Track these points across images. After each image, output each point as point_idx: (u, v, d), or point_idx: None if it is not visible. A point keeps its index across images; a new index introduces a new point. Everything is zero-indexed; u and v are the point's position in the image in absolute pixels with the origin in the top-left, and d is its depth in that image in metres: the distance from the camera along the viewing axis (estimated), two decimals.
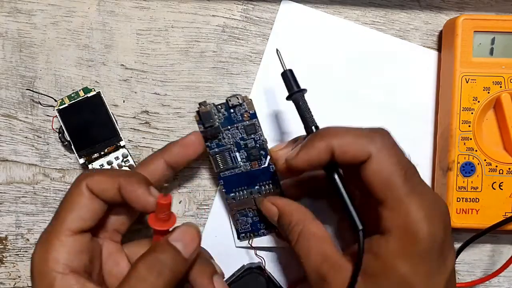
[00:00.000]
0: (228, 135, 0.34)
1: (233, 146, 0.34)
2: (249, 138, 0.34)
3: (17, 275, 0.39)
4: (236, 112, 0.34)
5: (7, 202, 0.39)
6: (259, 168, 0.35)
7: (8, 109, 0.38)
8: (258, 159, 0.35)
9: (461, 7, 0.39)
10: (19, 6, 0.38)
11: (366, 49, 0.39)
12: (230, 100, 0.34)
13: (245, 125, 0.34)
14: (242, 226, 0.36)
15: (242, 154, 0.35)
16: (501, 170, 0.36)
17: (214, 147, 0.34)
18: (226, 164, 0.35)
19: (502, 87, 0.36)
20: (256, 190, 0.35)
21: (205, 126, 0.33)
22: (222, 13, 0.38)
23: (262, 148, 0.34)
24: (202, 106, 0.33)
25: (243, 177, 0.35)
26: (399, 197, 0.27)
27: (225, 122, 0.34)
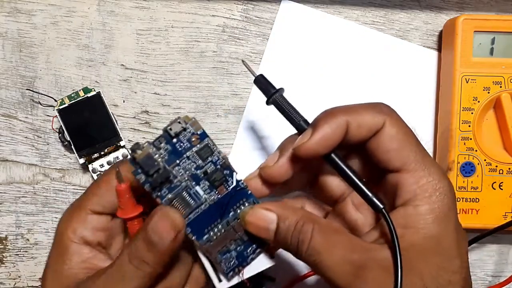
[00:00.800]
0: (180, 170, 0.27)
1: (190, 181, 0.28)
2: (206, 163, 0.28)
3: (17, 275, 0.39)
4: (181, 141, 0.28)
5: (7, 202, 0.39)
6: (228, 191, 0.29)
7: (8, 109, 0.38)
8: (224, 182, 0.29)
9: (461, 7, 0.39)
10: (19, 6, 0.38)
11: (366, 49, 0.39)
12: (171, 129, 0.27)
13: (196, 150, 0.28)
14: (227, 265, 0.29)
15: (204, 185, 0.28)
16: (501, 170, 0.36)
17: (166, 194, 0.27)
18: (188, 206, 0.28)
19: (502, 87, 0.36)
20: (232, 217, 0.29)
21: (150, 174, 0.26)
22: (222, 13, 0.38)
23: (225, 167, 0.28)
24: (136, 150, 0.26)
25: (212, 211, 0.29)
26: (418, 159, 0.26)
27: (171, 157, 0.27)
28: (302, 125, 0.30)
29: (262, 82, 0.31)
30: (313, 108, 0.39)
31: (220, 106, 0.39)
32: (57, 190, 0.39)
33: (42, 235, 0.39)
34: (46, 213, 0.39)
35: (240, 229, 0.29)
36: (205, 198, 0.28)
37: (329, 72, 0.39)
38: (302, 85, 0.39)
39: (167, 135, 0.27)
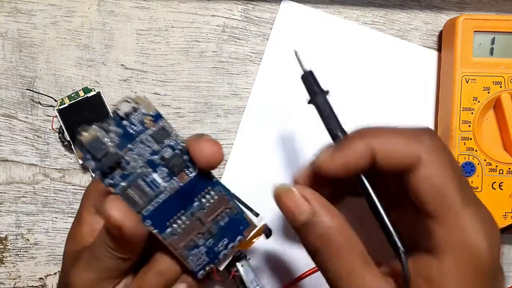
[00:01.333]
0: (133, 156, 0.25)
1: (145, 168, 0.25)
2: (163, 147, 0.25)
3: (17, 275, 0.39)
4: (132, 122, 0.25)
5: (7, 202, 0.39)
6: (190, 179, 0.26)
7: (8, 109, 0.38)
8: (184, 168, 0.26)
9: (461, 7, 0.39)
10: (19, 6, 0.38)
11: (366, 49, 0.39)
12: (119, 109, 0.25)
13: (151, 133, 0.25)
14: (196, 262, 0.27)
15: (162, 172, 0.26)
16: (501, 170, 0.36)
17: (119, 182, 0.25)
18: (146, 195, 0.25)
19: (502, 87, 0.36)
20: (197, 207, 0.26)
21: (97, 158, 0.24)
22: (222, 13, 0.38)
23: (185, 152, 0.26)
24: (83, 133, 0.24)
25: (174, 201, 0.26)
26: (455, 209, 0.23)
27: (123, 141, 0.25)
28: (337, 134, 0.27)
29: (309, 80, 0.28)
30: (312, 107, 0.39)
31: (220, 106, 0.39)
32: (57, 190, 0.39)
33: (42, 235, 0.39)
34: (46, 213, 0.39)
35: (207, 221, 0.27)
36: (165, 186, 0.26)
37: (329, 72, 0.39)
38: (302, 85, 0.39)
39: (116, 116, 0.25)
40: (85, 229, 0.30)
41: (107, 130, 0.25)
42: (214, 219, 0.27)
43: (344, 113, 0.39)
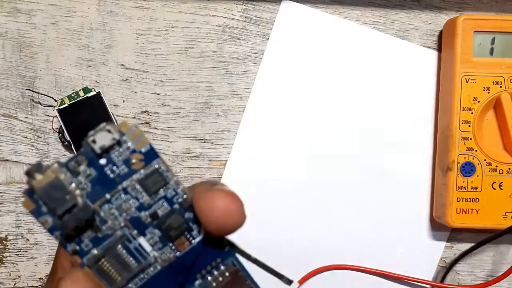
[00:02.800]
0: (112, 211, 0.18)
1: (128, 229, 0.18)
2: (156, 200, 0.18)
3: (17, 275, 0.39)
4: (113, 161, 0.17)
5: (7, 202, 0.39)
6: (192, 246, 0.18)
7: (8, 109, 0.38)
8: (185, 231, 0.18)
9: (461, 7, 0.39)
10: (19, 6, 0.38)
11: (366, 49, 0.39)
12: (95, 141, 0.17)
13: (140, 178, 0.18)
14: None
15: (152, 236, 0.18)
16: (501, 170, 0.36)
17: (89, 249, 0.18)
18: (127, 269, 0.18)
19: (502, 87, 0.36)
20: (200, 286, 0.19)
21: (57, 213, 0.17)
22: (222, 13, 0.38)
23: (187, 208, 0.18)
24: (35, 174, 0.16)
25: (167, 277, 0.18)
26: None
27: (97, 189, 0.17)
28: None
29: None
30: (313, 107, 0.39)
31: (220, 106, 0.39)
32: None
33: (42, 235, 0.39)
34: None
35: None
36: (155, 256, 0.18)
37: (329, 72, 0.39)
38: (302, 85, 0.39)
39: (89, 151, 0.17)
40: None
41: (74, 171, 0.17)
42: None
43: (344, 113, 0.39)
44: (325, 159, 0.38)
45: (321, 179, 0.39)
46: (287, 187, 0.38)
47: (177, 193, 0.18)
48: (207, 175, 0.39)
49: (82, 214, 0.17)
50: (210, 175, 0.39)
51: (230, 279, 0.19)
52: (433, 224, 0.39)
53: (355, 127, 0.39)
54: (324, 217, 0.39)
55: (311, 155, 0.39)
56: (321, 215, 0.39)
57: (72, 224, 0.17)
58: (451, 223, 0.36)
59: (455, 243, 0.39)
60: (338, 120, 0.39)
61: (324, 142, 0.39)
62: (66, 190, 0.17)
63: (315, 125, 0.39)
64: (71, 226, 0.17)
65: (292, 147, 0.39)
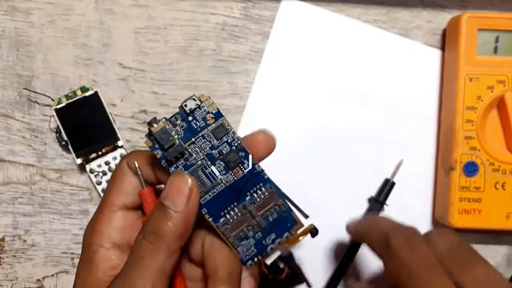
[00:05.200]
0: (195, 149, 0.28)
1: (205, 161, 0.28)
2: (221, 143, 0.28)
3: (15, 277, 0.39)
4: (196, 118, 0.28)
5: (4, 203, 0.38)
6: (244, 174, 0.28)
7: (5, 109, 0.38)
8: (239, 164, 0.28)
9: (463, 5, 0.38)
10: (16, 5, 0.38)
11: (368, 48, 0.38)
12: (186, 105, 0.27)
13: (211, 129, 0.28)
14: (246, 252, 0.29)
15: (219, 166, 0.28)
16: (504, 170, 0.35)
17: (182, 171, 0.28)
18: (204, 185, 0.28)
19: (505, 86, 0.35)
20: (249, 201, 0.28)
21: (165, 148, 0.27)
22: (221, 11, 0.38)
23: (240, 149, 0.28)
24: (153, 124, 0.27)
25: (228, 193, 0.28)
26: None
27: (187, 135, 0.27)
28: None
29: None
30: (314, 107, 0.38)
31: (219, 106, 0.38)
32: (54, 190, 0.38)
33: (40, 236, 0.38)
34: (44, 214, 0.38)
35: (257, 214, 0.29)
36: (221, 179, 0.28)
37: (331, 70, 0.38)
38: (303, 83, 0.38)
39: (182, 112, 0.27)
40: (103, 270, 0.27)
41: (174, 124, 0.27)
42: (263, 214, 0.29)
43: (346, 111, 0.38)
44: (325, 159, 0.38)
45: (321, 179, 0.38)
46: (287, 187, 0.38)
47: (234, 139, 0.28)
48: None
49: (178, 148, 0.27)
50: None
51: (268, 196, 0.28)
52: (435, 224, 0.38)
53: (356, 126, 0.38)
54: (324, 217, 0.38)
55: (312, 155, 0.38)
56: (322, 215, 0.38)
57: (173, 154, 0.27)
58: (453, 223, 0.35)
59: None
60: (339, 119, 0.38)
61: (325, 141, 0.38)
62: (169, 135, 0.27)
63: (316, 124, 0.38)
64: (172, 155, 0.27)
65: (292, 146, 0.38)
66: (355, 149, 0.38)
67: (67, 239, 0.38)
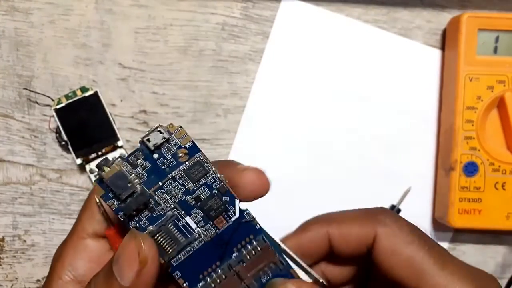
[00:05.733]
0: (164, 195, 0.22)
1: (177, 210, 0.22)
2: (198, 186, 0.22)
3: (15, 277, 0.39)
4: (164, 156, 0.22)
5: (4, 203, 0.38)
6: (229, 225, 0.22)
7: (4, 109, 0.38)
8: (222, 212, 0.22)
9: (463, 5, 0.38)
10: (16, 5, 0.38)
11: (368, 48, 0.38)
12: (150, 140, 0.21)
13: (185, 169, 0.22)
14: None
15: (196, 215, 0.22)
16: (504, 170, 0.35)
17: (146, 226, 0.22)
18: (177, 243, 0.22)
19: (505, 86, 0.35)
20: (236, 260, 0.23)
21: (121, 198, 0.21)
22: (221, 11, 0.38)
23: (224, 192, 0.22)
24: (104, 167, 0.21)
25: (209, 250, 0.23)
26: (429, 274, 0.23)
27: (151, 178, 0.22)
28: None
29: None
30: (314, 106, 0.38)
31: (219, 106, 0.38)
32: (54, 191, 0.38)
33: (39, 236, 0.38)
34: (43, 214, 0.38)
35: (247, 276, 0.23)
36: (199, 232, 0.22)
37: (331, 70, 0.38)
38: (303, 83, 0.38)
39: (145, 148, 0.21)
40: None
41: (134, 165, 0.21)
42: (255, 274, 0.23)
43: (346, 112, 0.38)
44: (326, 158, 0.38)
45: (322, 179, 0.38)
46: (287, 188, 0.38)
47: (215, 180, 0.22)
48: None
49: (141, 198, 0.21)
50: None
51: (261, 253, 0.23)
52: (435, 224, 0.38)
53: (356, 126, 0.38)
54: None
55: (312, 155, 0.38)
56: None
57: (133, 206, 0.21)
58: (453, 223, 0.35)
59: (457, 244, 0.39)
60: (340, 120, 0.38)
61: (325, 141, 0.38)
62: (127, 180, 0.21)
63: (316, 124, 0.38)
64: (132, 207, 0.21)
65: (292, 146, 0.38)
66: (355, 149, 0.38)
67: None
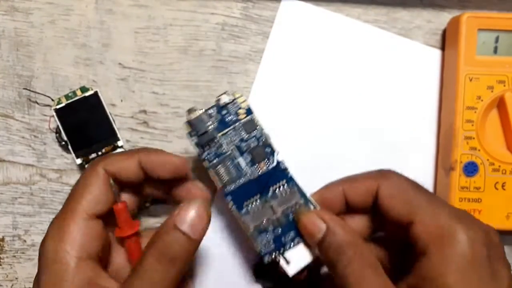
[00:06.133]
0: (226, 140, 0.30)
1: (234, 151, 0.30)
2: (249, 137, 0.30)
3: (15, 277, 0.39)
4: (229, 112, 0.30)
5: (3, 203, 0.38)
6: (268, 170, 0.30)
7: (4, 109, 0.38)
8: (264, 159, 0.30)
9: (463, 5, 0.38)
10: (16, 5, 0.38)
11: (368, 47, 0.38)
12: (220, 99, 0.30)
13: (242, 123, 0.30)
14: (264, 246, 0.30)
15: (246, 158, 0.30)
16: (504, 170, 0.35)
17: (212, 158, 0.30)
18: (230, 174, 0.30)
19: (505, 86, 0.35)
20: (271, 196, 0.30)
21: (199, 134, 0.30)
22: (221, 11, 0.38)
23: (267, 145, 0.30)
24: (191, 112, 0.30)
25: (252, 186, 0.30)
26: (422, 206, 0.27)
27: (220, 126, 0.30)
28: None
29: None
30: (314, 107, 0.38)
31: None
32: (54, 191, 0.38)
33: (40, 236, 0.38)
34: (43, 214, 0.38)
35: (278, 210, 0.30)
36: (246, 171, 0.30)
37: (331, 71, 0.38)
38: (303, 83, 0.38)
39: (217, 105, 0.31)
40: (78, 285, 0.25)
41: (209, 115, 0.30)
42: (284, 210, 0.30)
43: (345, 112, 0.38)
44: (326, 158, 0.38)
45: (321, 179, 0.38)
46: None
47: (262, 135, 0.31)
48: (206, 175, 0.38)
49: (210, 136, 0.30)
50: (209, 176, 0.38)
51: (290, 195, 0.30)
52: None
53: (356, 126, 0.38)
54: None
55: (312, 155, 0.38)
56: None
57: (204, 141, 0.30)
58: None
59: None
60: (339, 120, 0.38)
61: (325, 141, 0.38)
62: (204, 123, 0.30)
63: (316, 124, 0.38)
64: (204, 141, 0.30)
65: (292, 146, 0.38)
66: (355, 149, 0.38)
67: None
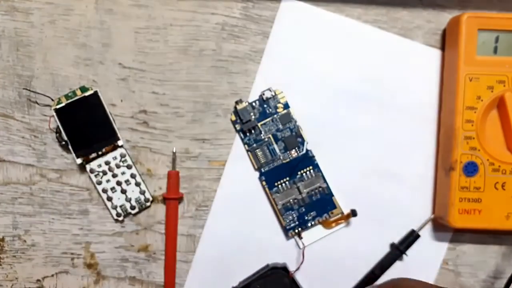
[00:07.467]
0: (265, 128, 0.37)
1: (270, 139, 0.37)
2: (284, 128, 0.37)
3: (15, 277, 0.39)
4: (269, 105, 0.37)
5: (4, 203, 0.38)
6: (298, 156, 0.37)
7: (4, 109, 0.38)
8: (295, 147, 0.37)
9: (463, 5, 0.38)
10: (16, 5, 0.38)
11: (368, 48, 0.38)
12: (264, 94, 0.37)
13: (279, 116, 0.37)
14: (289, 222, 0.36)
15: (280, 145, 0.37)
16: (504, 170, 0.35)
17: (252, 143, 0.37)
18: (266, 158, 0.37)
19: (505, 86, 0.35)
20: (298, 179, 0.37)
21: (243, 122, 0.36)
22: (221, 11, 0.38)
23: (299, 135, 0.37)
24: (239, 103, 0.37)
25: (283, 169, 0.37)
26: None
27: (260, 117, 0.37)
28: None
29: None
30: (314, 107, 0.38)
31: (219, 106, 0.38)
32: (54, 191, 0.38)
33: (39, 236, 0.38)
34: (43, 214, 0.38)
35: (304, 191, 0.36)
36: (280, 156, 0.37)
37: (331, 71, 0.38)
38: (303, 83, 0.38)
39: (260, 99, 0.37)
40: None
41: (253, 107, 0.37)
42: (309, 192, 0.37)
43: (345, 112, 0.38)
44: (326, 158, 0.38)
45: None
46: None
47: (295, 126, 0.37)
48: (206, 176, 0.38)
49: (252, 124, 0.37)
50: (209, 176, 0.38)
51: (315, 178, 0.37)
52: (435, 224, 0.38)
53: (356, 127, 0.38)
54: None
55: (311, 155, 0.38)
56: None
57: (247, 127, 0.37)
58: (453, 223, 0.35)
59: (457, 244, 0.39)
60: (339, 120, 0.38)
61: (325, 141, 0.38)
62: (249, 114, 0.37)
63: (316, 125, 0.38)
64: (247, 128, 0.37)
65: None
66: (355, 149, 0.38)
67: (67, 239, 0.38)
